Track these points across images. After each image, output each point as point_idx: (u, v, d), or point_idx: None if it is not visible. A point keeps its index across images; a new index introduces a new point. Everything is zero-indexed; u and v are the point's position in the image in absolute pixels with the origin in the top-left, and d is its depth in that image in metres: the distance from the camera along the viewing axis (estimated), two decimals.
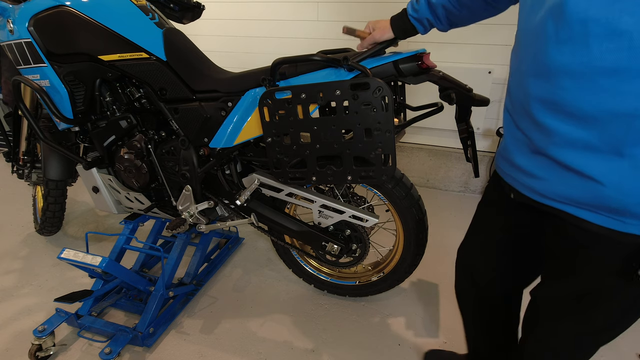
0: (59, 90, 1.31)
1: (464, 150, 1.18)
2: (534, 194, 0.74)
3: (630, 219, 0.61)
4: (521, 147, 0.73)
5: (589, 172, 0.62)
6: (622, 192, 0.60)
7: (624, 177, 0.59)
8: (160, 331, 1.51)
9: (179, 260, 1.61)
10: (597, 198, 0.63)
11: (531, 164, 0.71)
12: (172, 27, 1.34)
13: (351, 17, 2.45)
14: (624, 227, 0.62)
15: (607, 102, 0.56)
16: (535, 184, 0.72)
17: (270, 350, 1.45)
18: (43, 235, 2.12)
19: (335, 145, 1.07)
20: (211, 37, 2.91)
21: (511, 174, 0.79)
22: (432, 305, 1.66)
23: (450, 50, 2.34)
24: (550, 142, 0.65)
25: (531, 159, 0.71)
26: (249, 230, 2.20)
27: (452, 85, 1.08)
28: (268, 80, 1.09)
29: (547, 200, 0.71)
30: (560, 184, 0.67)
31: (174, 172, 1.42)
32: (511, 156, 0.77)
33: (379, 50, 1.08)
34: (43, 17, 1.24)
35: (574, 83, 0.59)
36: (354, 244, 1.42)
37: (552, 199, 0.70)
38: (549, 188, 0.69)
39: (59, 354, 1.44)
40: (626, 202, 0.60)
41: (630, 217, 0.61)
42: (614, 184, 0.60)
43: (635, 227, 0.62)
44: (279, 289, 1.76)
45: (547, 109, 0.64)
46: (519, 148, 0.74)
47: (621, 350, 1.44)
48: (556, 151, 0.65)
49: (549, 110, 0.64)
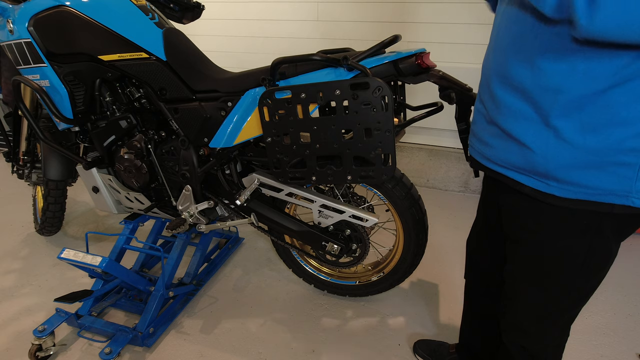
0: (58, 90, 1.31)
1: (464, 150, 1.18)
2: (484, 159, 0.84)
3: (553, 182, 0.71)
4: (481, 118, 0.84)
5: (524, 139, 0.72)
6: (546, 158, 0.70)
7: (548, 145, 0.69)
8: (160, 331, 1.51)
9: (179, 260, 1.61)
10: (529, 163, 0.73)
11: (485, 132, 0.83)
12: (172, 27, 1.34)
13: (351, 17, 2.45)
14: (548, 189, 0.72)
15: (540, 79, 0.67)
16: (486, 150, 0.83)
17: (270, 350, 1.45)
18: (43, 235, 2.12)
19: (335, 145, 1.07)
20: (211, 37, 2.91)
21: (472, 144, 0.90)
22: (431, 305, 1.66)
23: (450, 50, 2.34)
24: (499, 112, 0.76)
25: (486, 128, 0.82)
26: (249, 230, 2.20)
27: (452, 84, 1.08)
28: (268, 80, 1.09)
29: (494, 166, 0.82)
30: (504, 151, 0.78)
31: (174, 172, 1.42)
32: (474, 127, 0.89)
33: (379, 49, 1.08)
34: (43, 17, 1.24)
35: (516, 60, 0.70)
36: (354, 243, 1.42)
37: (497, 164, 0.80)
38: (495, 154, 0.80)
39: (59, 354, 1.44)
40: (548, 166, 0.70)
41: (552, 180, 0.71)
42: (541, 150, 0.70)
43: (556, 189, 0.71)
44: (279, 289, 1.76)
45: (500, 82, 0.75)
46: (479, 119, 0.85)
47: (621, 350, 1.44)
48: (503, 120, 0.76)
49: (501, 83, 0.75)
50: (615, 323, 1.55)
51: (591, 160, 0.65)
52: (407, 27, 2.34)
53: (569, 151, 0.67)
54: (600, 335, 1.50)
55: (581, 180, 0.68)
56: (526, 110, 0.71)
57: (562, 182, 0.70)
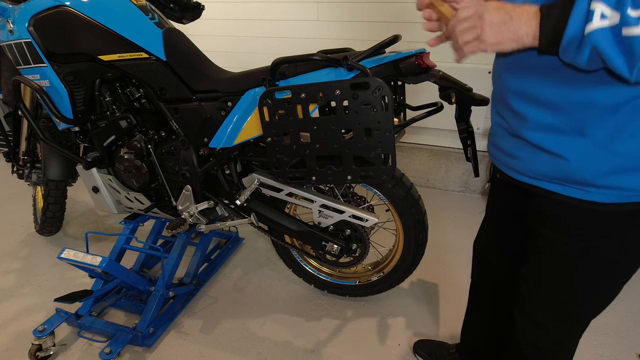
0: (58, 90, 1.31)
1: (464, 150, 1.18)
2: (513, 172, 0.82)
3: (592, 189, 0.70)
4: (502, 131, 0.82)
5: (557, 150, 0.70)
6: (584, 166, 0.69)
7: (585, 154, 0.68)
8: (160, 331, 1.51)
9: (179, 260, 1.60)
10: (564, 172, 0.71)
11: (510, 145, 0.80)
12: (172, 27, 1.34)
13: (351, 17, 2.45)
14: (588, 196, 0.71)
15: (570, 93, 0.65)
16: (513, 163, 0.81)
17: (270, 350, 1.45)
18: (43, 235, 2.12)
19: (335, 145, 1.07)
20: (211, 37, 2.91)
21: (496, 156, 0.88)
22: (432, 305, 1.66)
23: (450, 50, 2.33)
24: (524, 126, 0.74)
25: (510, 141, 0.80)
26: (249, 230, 2.20)
27: (452, 84, 1.08)
28: (268, 80, 1.09)
29: (524, 177, 0.80)
30: (533, 162, 0.76)
31: (174, 172, 1.42)
32: (495, 140, 0.86)
33: (379, 49, 1.08)
34: (43, 17, 1.24)
35: (541, 77, 0.68)
36: (354, 243, 1.42)
37: (527, 175, 0.78)
38: (524, 166, 0.78)
39: (59, 354, 1.44)
40: (587, 175, 0.69)
41: (591, 187, 0.70)
42: (577, 159, 0.69)
43: (596, 195, 0.70)
44: (279, 289, 1.76)
45: (520, 99, 0.73)
46: (500, 132, 0.83)
47: (621, 350, 1.44)
48: (529, 134, 0.74)
49: (521, 99, 0.73)
50: (615, 323, 1.55)
51: (631, 163, 0.65)
52: (407, 27, 2.34)
53: (607, 157, 0.66)
54: (600, 335, 1.50)
55: (621, 184, 0.67)
56: (557, 122, 0.69)
57: (601, 188, 0.69)
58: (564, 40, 0.56)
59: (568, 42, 0.56)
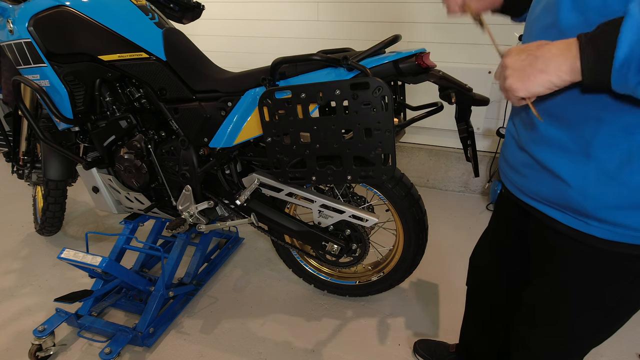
0: (58, 90, 1.31)
1: (464, 150, 1.17)
2: (515, 189, 0.77)
3: (593, 221, 0.62)
4: (512, 142, 0.77)
5: (559, 171, 0.64)
6: (585, 194, 0.61)
7: (588, 180, 0.60)
8: (160, 331, 1.51)
9: (179, 260, 1.60)
10: (564, 198, 0.65)
11: (516, 159, 0.75)
12: (172, 27, 1.34)
13: (351, 17, 2.45)
14: (588, 229, 0.63)
15: (580, 106, 0.59)
16: (517, 179, 0.75)
17: (270, 350, 1.45)
18: (43, 235, 2.12)
19: (335, 145, 1.07)
20: (211, 37, 2.91)
21: (503, 170, 0.83)
22: (431, 305, 1.66)
23: (450, 50, 2.34)
24: (531, 138, 0.69)
25: (517, 154, 0.75)
26: (249, 230, 2.20)
27: (452, 84, 1.07)
28: (268, 80, 1.09)
29: (525, 198, 0.74)
30: (535, 182, 0.70)
31: (174, 172, 1.42)
32: (505, 151, 0.81)
33: (379, 49, 1.08)
34: (43, 17, 1.24)
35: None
36: (354, 243, 1.42)
37: (529, 196, 0.73)
38: (526, 185, 0.72)
39: (59, 354, 1.44)
40: (587, 205, 0.61)
41: (592, 219, 0.62)
42: (579, 186, 0.62)
43: (598, 230, 0.62)
44: (279, 289, 1.76)
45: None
46: (511, 143, 0.78)
47: (621, 350, 1.44)
48: (535, 148, 0.68)
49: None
50: None
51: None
52: (407, 27, 2.34)
53: (613, 188, 0.58)
54: None
55: (627, 222, 0.59)
56: (564, 137, 0.62)
57: (605, 223, 0.61)
58: (616, 61, 0.45)
59: (622, 63, 0.45)
